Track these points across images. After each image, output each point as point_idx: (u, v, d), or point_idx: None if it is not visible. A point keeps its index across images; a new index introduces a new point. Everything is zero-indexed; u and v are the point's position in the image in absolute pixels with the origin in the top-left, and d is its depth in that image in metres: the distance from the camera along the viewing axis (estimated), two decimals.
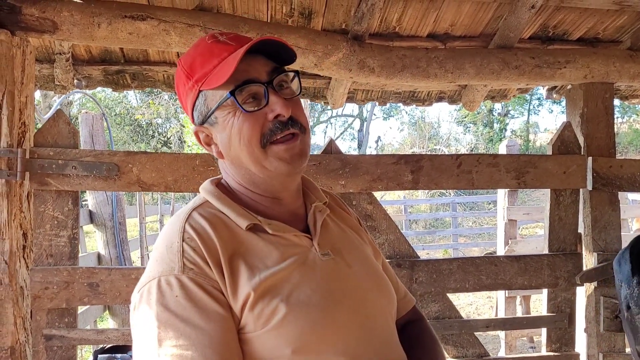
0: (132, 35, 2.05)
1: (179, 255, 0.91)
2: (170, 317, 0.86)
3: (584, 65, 2.42)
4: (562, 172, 2.42)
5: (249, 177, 1.03)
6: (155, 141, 21.01)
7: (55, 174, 2.02)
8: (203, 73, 0.99)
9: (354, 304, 0.99)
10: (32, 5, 1.95)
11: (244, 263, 0.93)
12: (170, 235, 0.96)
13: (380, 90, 2.96)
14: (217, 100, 0.98)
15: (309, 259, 0.99)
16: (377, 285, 1.08)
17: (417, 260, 2.34)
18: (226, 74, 0.94)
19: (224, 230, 0.96)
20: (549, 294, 2.48)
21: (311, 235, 1.04)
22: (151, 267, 0.94)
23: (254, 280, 0.91)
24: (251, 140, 0.97)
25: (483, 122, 25.90)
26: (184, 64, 1.03)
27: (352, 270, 1.05)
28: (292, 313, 0.90)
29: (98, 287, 2.07)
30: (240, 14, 2.33)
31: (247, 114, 0.97)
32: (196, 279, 0.89)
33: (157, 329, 0.86)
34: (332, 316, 0.94)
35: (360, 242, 1.16)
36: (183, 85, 1.03)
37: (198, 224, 0.96)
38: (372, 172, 2.26)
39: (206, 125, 1.03)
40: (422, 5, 2.35)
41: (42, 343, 2.06)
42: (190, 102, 1.03)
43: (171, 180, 2.10)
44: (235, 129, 0.97)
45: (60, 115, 2.10)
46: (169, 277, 0.90)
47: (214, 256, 0.92)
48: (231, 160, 1.03)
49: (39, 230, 2.07)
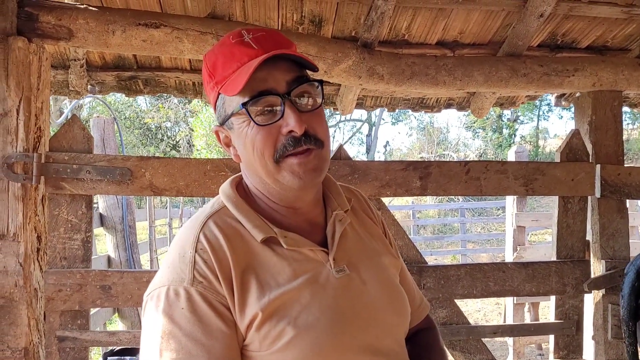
0: (145, 43, 2.08)
1: (190, 266, 0.91)
2: (174, 329, 0.87)
3: (592, 73, 2.43)
4: (570, 180, 2.43)
5: (263, 186, 1.01)
6: (164, 145, 21.13)
7: (70, 178, 2.06)
8: (223, 76, 0.96)
9: (364, 323, 0.97)
10: (48, 13, 1.99)
11: (255, 279, 0.92)
12: (184, 243, 0.95)
13: (389, 97, 2.98)
14: (233, 107, 0.96)
15: (321, 277, 0.97)
16: (391, 303, 1.04)
17: (425, 266, 2.35)
18: (240, 85, 0.90)
19: (238, 242, 0.95)
20: (557, 301, 2.49)
21: (328, 248, 1.01)
22: (163, 272, 0.94)
23: (262, 300, 0.90)
24: (264, 153, 0.94)
25: (492, 128, 25.82)
26: (207, 62, 1.00)
27: (366, 287, 1.01)
28: (298, 336, 0.89)
29: (110, 289, 2.10)
30: (252, 21, 2.36)
31: (260, 127, 0.93)
32: (204, 293, 0.89)
33: (160, 338, 0.87)
34: (339, 339, 0.92)
35: (378, 253, 1.11)
36: (207, 82, 1.01)
37: (213, 234, 0.95)
38: (380, 178, 2.28)
39: (225, 127, 1.01)
40: (431, 14, 2.38)
41: (55, 344, 2.10)
42: (212, 100, 1.02)
43: (183, 185, 2.13)
44: (249, 139, 0.95)
45: (75, 121, 2.14)
46: (177, 287, 0.89)
47: (225, 271, 0.91)
48: (247, 166, 1.02)
49: (53, 234, 2.11)
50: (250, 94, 0.92)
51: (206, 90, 1.03)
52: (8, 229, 1.94)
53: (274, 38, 0.98)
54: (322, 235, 1.04)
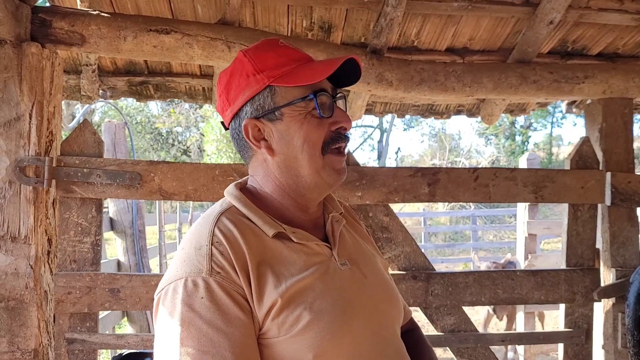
0: (156, 48, 2.11)
1: (207, 258, 0.93)
2: (194, 317, 0.89)
3: (602, 80, 2.42)
4: (580, 187, 2.41)
5: (294, 179, 1.05)
6: (175, 150, 21.25)
7: (80, 181, 2.09)
8: (279, 70, 1.02)
9: (369, 313, 1.03)
10: (62, 19, 2.02)
11: (270, 270, 0.96)
12: (199, 238, 0.98)
13: (399, 103, 2.99)
14: (290, 99, 1.01)
15: (330, 268, 1.02)
16: (389, 296, 1.12)
17: (433, 273, 2.35)
18: (317, 77, 0.99)
19: (251, 237, 0.98)
20: (566, 310, 2.47)
21: (330, 244, 1.07)
22: (177, 266, 0.96)
23: (280, 288, 0.93)
24: (316, 144, 1.02)
25: (505, 135, 25.71)
26: (252, 56, 1.05)
27: (368, 280, 1.08)
28: (314, 320, 0.93)
29: (119, 292, 2.12)
30: (262, 27, 2.38)
31: (318, 119, 1.02)
32: (222, 283, 0.91)
33: (180, 327, 0.88)
34: (349, 324, 0.97)
35: (372, 254, 1.19)
36: (245, 76, 1.04)
37: (227, 228, 0.98)
38: (388, 184, 2.28)
39: (263, 120, 1.04)
40: (440, 20, 2.38)
41: (64, 346, 2.12)
42: (249, 94, 1.04)
43: (191, 189, 2.15)
44: (303, 131, 1.02)
45: (87, 125, 2.16)
46: (196, 278, 0.91)
47: (241, 262, 0.94)
48: (284, 159, 1.04)
49: (63, 237, 2.13)
50: (313, 89, 1.02)
51: (236, 84, 1.06)
52: (19, 231, 1.97)
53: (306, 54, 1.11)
54: (322, 234, 1.11)
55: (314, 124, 1.02)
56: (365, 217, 2.31)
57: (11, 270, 1.96)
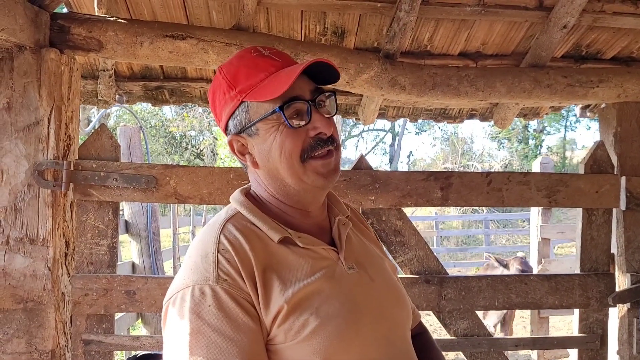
0: (172, 54, 2.14)
1: (214, 265, 0.94)
2: (202, 326, 0.89)
3: (617, 84, 2.41)
4: (594, 192, 2.40)
5: (282, 189, 1.07)
6: (188, 153, 21.38)
7: (98, 185, 2.12)
8: (248, 85, 1.02)
9: (377, 316, 1.03)
10: (79, 25, 2.06)
11: (276, 276, 0.96)
12: (205, 245, 0.98)
13: (412, 107, 3.00)
14: (262, 113, 1.01)
15: (336, 272, 1.02)
16: (397, 299, 1.12)
17: (446, 277, 2.35)
18: (278, 90, 0.98)
19: (257, 243, 0.99)
20: (581, 315, 2.45)
21: (337, 248, 1.08)
22: (185, 275, 0.96)
23: (286, 294, 0.93)
24: (292, 154, 1.01)
25: (518, 138, 25.54)
26: (226, 73, 1.06)
27: (375, 284, 1.08)
28: (322, 325, 0.93)
29: (135, 295, 2.15)
30: (275, 33, 2.40)
31: (291, 129, 1.01)
32: (229, 290, 0.92)
33: (189, 336, 0.89)
34: (357, 328, 0.97)
35: (379, 256, 1.19)
36: (222, 93, 1.05)
37: (233, 235, 0.98)
38: (401, 188, 2.29)
39: (243, 135, 1.06)
40: (453, 25, 2.39)
41: (80, 347, 2.15)
42: (229, 111, 1.05)
43: (206, 193, 2.17)
44: (277, 143, 1.01)
45: (104, 130, 2.20)
46: (203, 286, 0.92)
47: (248, 269, 0.94)
48: (267, 171, 1.06)
49: (80, 239, 2.16)
50: (283, 100, 1.00)
51: (218, 102, 1.08)
52: (38, 234, 2.00)
53: (287, 55, 1.09)
54: (329, 237, 1.11)
55: (287, 134, 1.01)
56: (378, 220, 2.32)
57: (29, 272, 1.99)
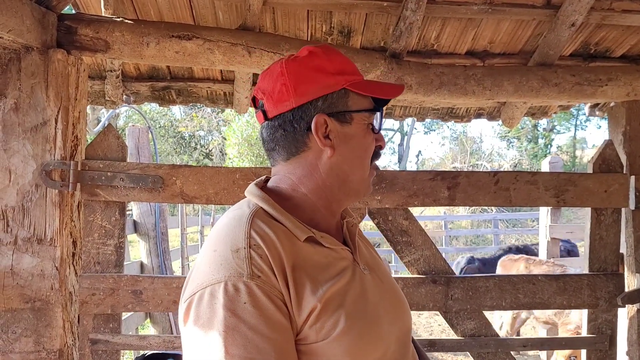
0: (178, 54, 2.14)
1: (247, 261, 0.90)
2: (238, 323, 0.85)
3: (626, 83, 2.38)
4: (603, 191, 2.38)
5: (338, 184, 1.07)
6: (197, 153, 21.46)
7: (104, 185, 2.13)
8: (355, 77, 1.07)
9: (392, 318, 1.04)
10: (86, 26, 2.07)
11: (306, 275, 0.94)
12: (234, 240, 0.94)
13: (419, 107, 2.98)
14: (360, 106, 1.06)
15: (356, 273, 1.03)
16: (402, 302, 1.14)
17: (453, 277, 2.33)
18: (389, 93, 1.08)
19: (285, 240, 0.96)
20: (589, 315, 2.43)
21: (350, 249, 1.08)
22: (212, 269, 0.91)
23: (318, 293, 0.92)
24: (369, 155, 1.09)
25: (527, 138, 25.40)
26: (330, 56, 1.06)
27: (385, 286, 1.10)
28: (351, 325, 0.92)
29: (141, 294, 2.15)
30: (282, 32, 2.40)
31: (373, 133, 1.09)
32: (264, 288, 0.88)
33: (224, 333, 0.85)
34: (380, 329, 0.98)
35: (381, 260, 1.21)
36: (323, 72, 1.04)
37: (263, 231, 0.95)
38: (408, 187, 2.28)
39: (333, 120, 1.04)
40: (460, 24, 2.37)
41: (88, 347, 2.16)
42: (326, 90, 1.03)
43: (212, 192, 2.17)
44: (365, 140, 1.07)
45: (110, 130, 2.21)
46: (237, 282, 0.88)
47: (280, 266, 0.92)
48: (340, 161, 1.05)
49: (87, 239, 2.17)
50: (372, 105, 1.09)
51: (315, 77, 1.04)
52: (45, 233, 2.01)
53: None
54: (341, 238, 1.12)
55: (371, 136, 1.08)
56: (384, 220, 2.32)
57: (37, 271, 2.00)
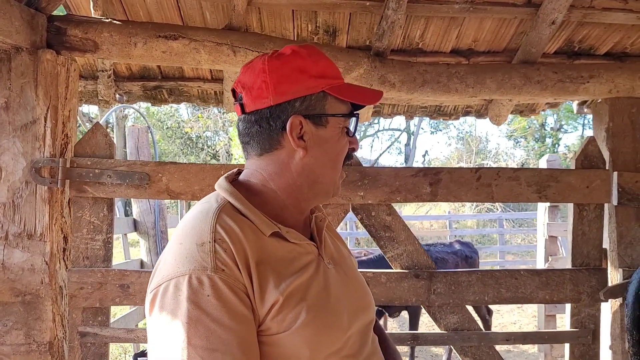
0: (165, 54, 2.20)
1: (212, 255, 0.92)
2: (201, 315, 0.88)
3: (608, 80, 2.41)
4: (585, 187, 2.41)
5: (309, 184, 1.09)
6: (204, 154, 21.55)
7: (92, 182, 2.19)
8: (334, 81, 1.08)
9: (354, 311, 1.09)
10: (76, 27, 2.13)
11: (270, 269, 0.97)
12: (200, 234, 0.96)
13: (406, 105, 3.02)
14: (336, 110, 1.09)
15: (320, 267, 1.07)
16: (365, 294, 1.19)
17: (436, 272, 2.37)
18: (367, 100, 1.13)
19: (250, 234, 0.98)
20: (572, 310, 2.46)
21: (317, 244, 1.12)
22: (177, 262, 0.94)
23: (281, 287, 0.95)
24: (341, 159, 1.12)
25: (534, 137, 25.29)
26: (313, 58, 1.08)
27: (349, 279, 1.14)
28: (312, 318, 0.96)
29: (129, 288, 2.21)
30: (268, 32, 2.45)
31: (346, 137, 1.12)
32: (227, 280, 0.91)
33: (187, 324, 0.87)
34: (341, 321, 1.03)
35: (348, 254, 1.24)
36: (305, 74, 1.06)
37: (228, 225, 0.97)
38: (390, 184, 2.32)
39: (308, 121, 1.06)
40: (443, 22, 2.41)
41: (77, 339, 2.21)
42: (304, 91, 1.05)
43: (197, 189, 2.22)
44: (339, 144, 1.10)
45: (98, 128, 2.26)
46: (201, 275, 0.90)
47: (244, 260, 0.94)
48: (312, 162, 1.08)
49: (76, 234, 2.23)
50: (349, 110, 1.13)
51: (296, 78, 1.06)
52: (35, 229, 2.07)
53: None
54: (308, 233, 1.15)
55: (345, 140, 1.11)
56: (367, 216, 2.36)
57: (27, 266, 2.06)
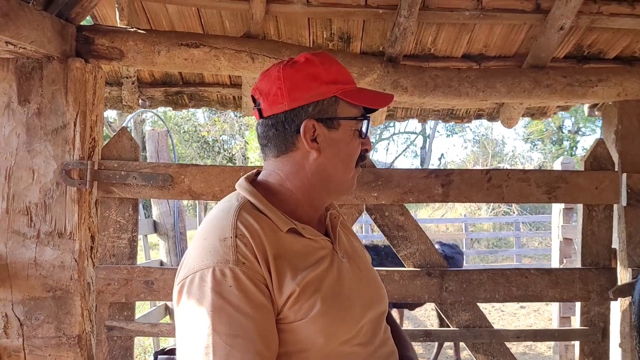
0: (187, 61, 2.30)
1: (233, 249, 1.01)
2: (224, 304, 0.97)
3: (616, 83, 2.46)
4: (594, 188, 2.46)
5: (323, 183, 1.18)
6: (221, 157, 21.75)
7: (119, 183, 2.30)
8: (346, 86, 1.16)
9: (368, 302, 1.17)
10: (103, 36, 2.25)
11: (287, 262, 1.05)
12: (222, 230, 1.05)
13: (419, 108, 3.10)
14: (348, 114, 1.16)
15: (335, 261, 1.16)
16: (379, 288, 1.27)
17: (447, 270, 2.44)
18: (377, 103, 1.20)
19: (268, 231, 1.07)
20: (582, 308, 2.51)
21: (331, 239, 1.21)
22: (202, 256, 1.03)
23: (297, 279, 1.04)
24: (354, 159, 1.19)
25: (551, 140, 25.10)
26: (326, 65, 1.15)
27: (362, 273, 1.23)
28: (326, 308, 1.05)
29: (153, 284, 2.32)
30: (285, 39, 2.55)
31: (359, 138, 1.19)
32: (248, 273, 0.99)
33: (212, 312, 0.96)
34: (353, 312, 1.11)
35: (362, 250, 1.33)
36: (317, 80, 1.13)
37: (248, 222, 1.06)
38: (403, 185, 2.40)
39: (322, 125, 1.14)
40: (454, 29, 2.49)
41: (104, 333, 2.33)
42: (317, 97, 1.13)
43: (218, 190, 2.33)
44: (351, 145, 1.17)
45: (124, 132, 2.38)
46: (223, 268, 0.99)
47: (263, 253, 1.02)
48: (325, 163, 1.16)
49: (103, 233, 2.34)
50: (361, 113, 1.20)
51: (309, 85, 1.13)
52: (65, 228, 2.18)
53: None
54: (323, 229, 1.24)
55: (357, 142, 1.18)
56: (381, 216, 2.44)
57: (58, 263, 2.17)
